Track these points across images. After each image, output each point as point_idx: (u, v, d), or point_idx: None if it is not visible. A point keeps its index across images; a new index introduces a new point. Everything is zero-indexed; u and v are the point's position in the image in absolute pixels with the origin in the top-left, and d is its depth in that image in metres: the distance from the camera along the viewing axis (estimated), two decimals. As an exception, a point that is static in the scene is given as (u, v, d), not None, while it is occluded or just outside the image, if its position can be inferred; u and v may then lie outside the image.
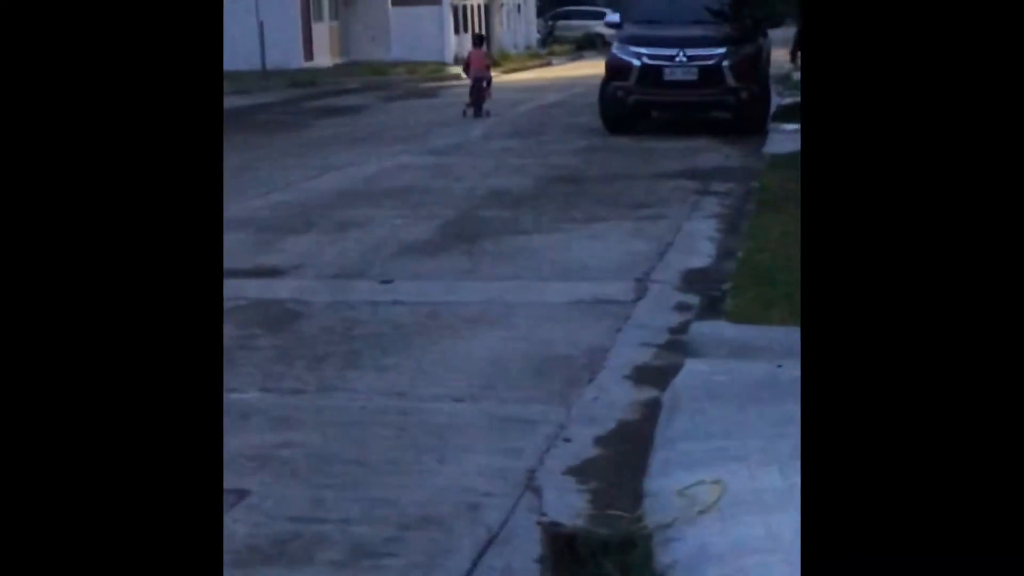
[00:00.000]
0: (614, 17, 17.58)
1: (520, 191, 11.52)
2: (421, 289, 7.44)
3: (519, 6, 45.96)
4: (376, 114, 21.67)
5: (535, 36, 47.79)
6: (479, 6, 41.62)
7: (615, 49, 16.50)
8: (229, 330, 6.58)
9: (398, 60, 35.95)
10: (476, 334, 6.41)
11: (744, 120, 15.93)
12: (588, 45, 48.45)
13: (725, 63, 15.73)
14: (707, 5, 16.30)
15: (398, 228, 9.61)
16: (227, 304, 7.11)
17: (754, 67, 16.04)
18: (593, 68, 36.87)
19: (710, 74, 15.77)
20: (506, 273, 7.89)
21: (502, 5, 42.73)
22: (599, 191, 11.39)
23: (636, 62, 16.01)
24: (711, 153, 14.08)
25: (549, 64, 39.31)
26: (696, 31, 15.99)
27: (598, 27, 53.53)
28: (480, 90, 19.94)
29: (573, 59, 43.03)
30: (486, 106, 19.95)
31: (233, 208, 10.76)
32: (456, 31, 39.02)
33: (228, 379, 5.69)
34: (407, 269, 8.05)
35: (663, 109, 16.74)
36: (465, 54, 38.42)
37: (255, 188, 11.96)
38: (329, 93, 27.25)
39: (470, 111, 19.85)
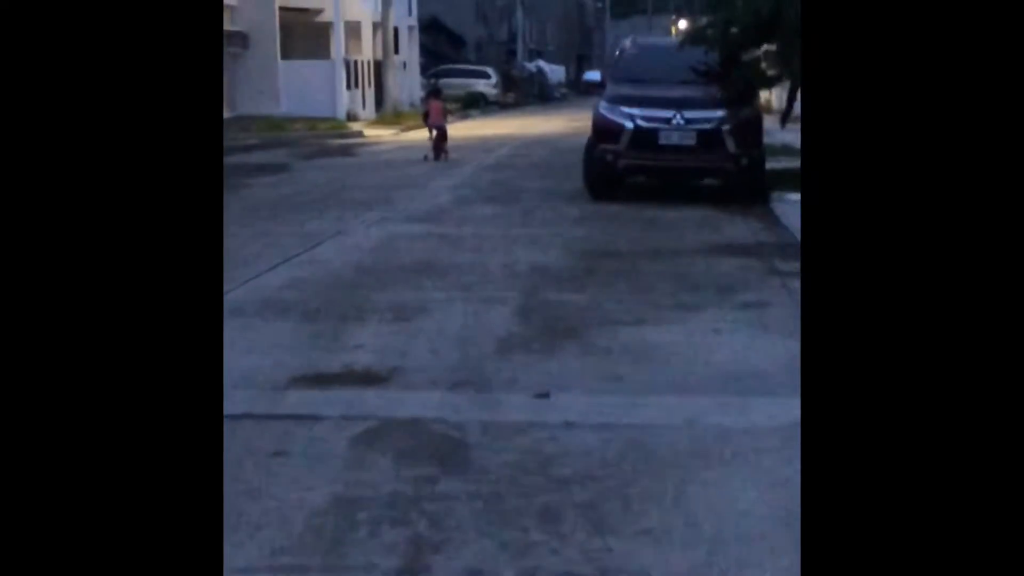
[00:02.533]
0: (594, 75, 16.24)
1: (564, 268, 10.06)
2: (587, 406, 5.90)
3: (404, 64, 44.62)
4: (305, 173, 19.94)
5: (419, 94, 46.42)
6: (369, 62, 40.08)
7: (602, 109, 15.11)
8: (387, 463, 5.01)
9: (289, 115, 34.17)
10: (720, 477, 4.92)
11: (742, 188, 14.70)
12: (473, 104, 47.80)
13: (725, 127, 14.53)
14: (693, 66, 15.16)
15: (470, 316, 8.05)
16: (357, 426, 5.52)
17: (755, 132, 14.85)
18: (491, 128, 35.83)
19: (709, 139, 14.52)
20: (664, 381, 6.41)
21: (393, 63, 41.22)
22: (655, 269, 10.00)
23: (628, 124, 14.67)
24: (731, 226, 12.81)
25: (442, 123, 37.80)
26: (691, 92, 14.76)
27: (479, 86, 53.05)
28: (440, 137, 21.69)
29: (462, 118, 41.74)
30: (447, 147, 21.77)
31: (246, 287, 9.06)
32: (348, 87, 37.41)
33: (453, 556, 4.12)
34: (535, 374, 6.51)
35: (655, 175, 15.37)
36: (356, 109, 37.22)
37: (253, 261, 10.24)
38: (233, 149, 25.37)
39: (431, 156, 21.40)
